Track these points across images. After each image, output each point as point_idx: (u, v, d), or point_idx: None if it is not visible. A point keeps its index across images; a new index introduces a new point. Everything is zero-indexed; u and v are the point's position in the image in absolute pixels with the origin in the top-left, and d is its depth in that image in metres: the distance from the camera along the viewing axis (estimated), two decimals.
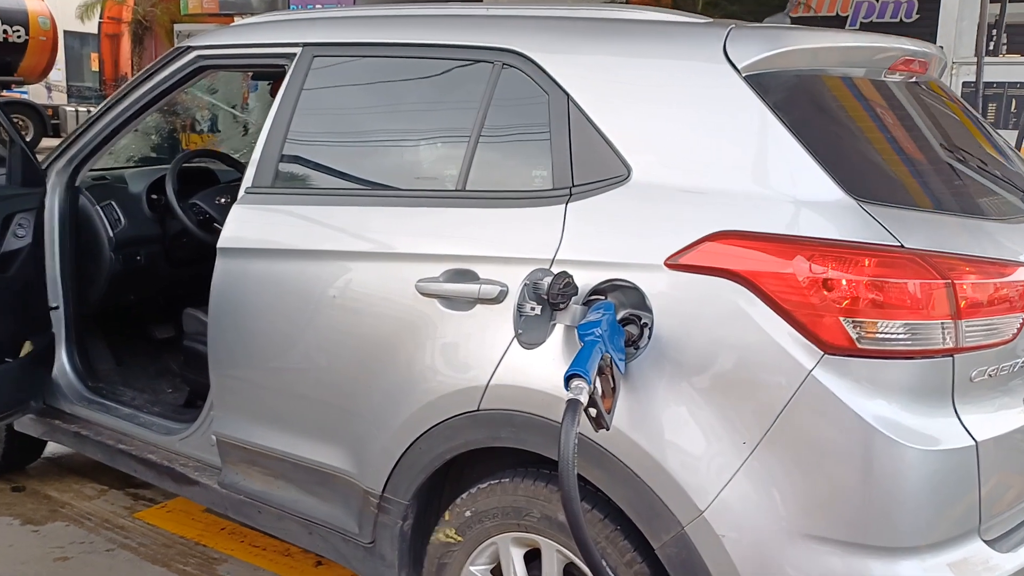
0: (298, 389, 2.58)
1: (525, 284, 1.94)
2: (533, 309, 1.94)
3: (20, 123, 15.41)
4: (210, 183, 3.78)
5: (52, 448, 3.87)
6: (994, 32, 5.85)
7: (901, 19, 9.56)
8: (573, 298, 1.99)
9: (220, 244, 2.71)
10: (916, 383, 1.81)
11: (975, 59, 4.53)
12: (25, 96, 18.30)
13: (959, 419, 1.84)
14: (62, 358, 3.43)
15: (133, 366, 3.81)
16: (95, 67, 20.56)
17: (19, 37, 16.45)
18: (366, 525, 2.46)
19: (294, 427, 2.61)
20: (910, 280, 1.78)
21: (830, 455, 1.80)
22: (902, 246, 1.80)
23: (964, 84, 6.22)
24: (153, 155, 5.23)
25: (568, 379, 1.76)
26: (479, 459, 2.36)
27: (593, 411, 1.80)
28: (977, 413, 1.87)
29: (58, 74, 19.80)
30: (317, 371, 2.52)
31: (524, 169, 2.32)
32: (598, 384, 1.84)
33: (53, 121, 17.11)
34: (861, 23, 9.86)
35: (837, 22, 9.89)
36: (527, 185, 2.27)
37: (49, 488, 3.78)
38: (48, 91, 20.07)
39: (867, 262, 1.79)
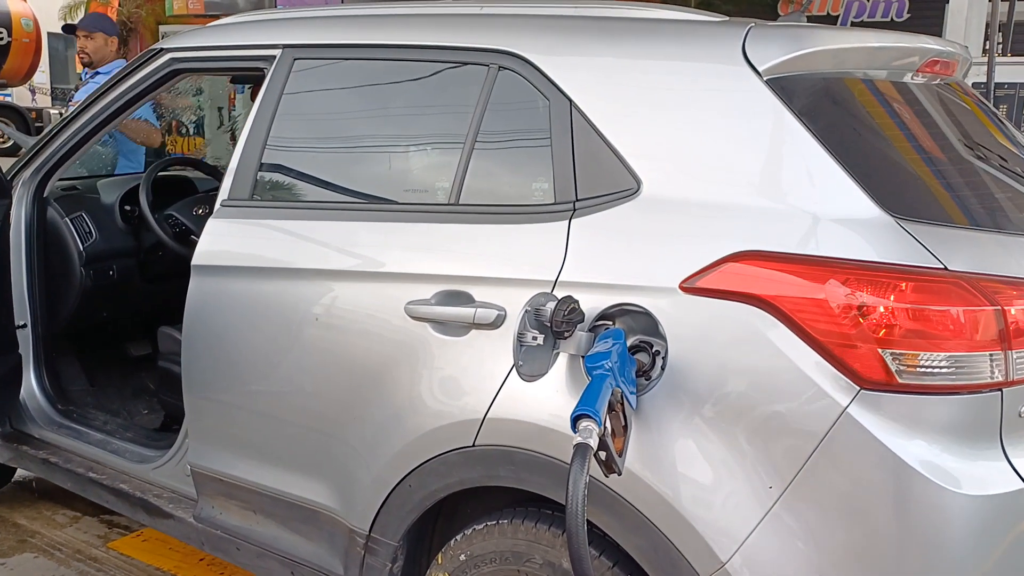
0: (278, 418, 2.39)
1: (526, 311, 1.75)
2: (535, 339, 1.75)
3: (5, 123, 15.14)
4: (187, 192, 3.58)
5: (24, 472, 3.66)
6: (1000, 32, 5.69)
7: (892, 18, 9.41)
8: (579, 325, 1.81)
9: (195, 261, 2.51)
10: (961, 421, 1.63)
11: (984, 59, 4.36)
12: (8, 99, 18.01)
13: (1008, 460, 1.66)
14: (30, 379, 3.23)
15: (107, 387, 3.60)
16: (80, 69, 20.29)
17: (1, 39, 16.17)
18: (352, 566, 2.27)
19: (274, 459, 2.41)
20: (955, 307, 1.60)
21: (866, 501, 1.61)
22: (946, 268, 1.62)
23: (973, 85, 6.06)
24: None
25: (575, 420, 1.58)
26: (476, 495, 2.17)
27: (603, 454, 1.62)
28: None
29: (42, 76, 19.48)
30: (298, 399, 2.32)
31: (523, 181, 2.13)
32: (608, 423, 1.65)
33: (37, 124, 16.83)
34: (852, 22, 9.70)
35: (828, 22, 9.75)
36: (527, 199, 2.09)
37: (18, 515, 3.57)
38: (32, 94, 19.76)
39: (908, 287, 1.61)
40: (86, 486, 3.01)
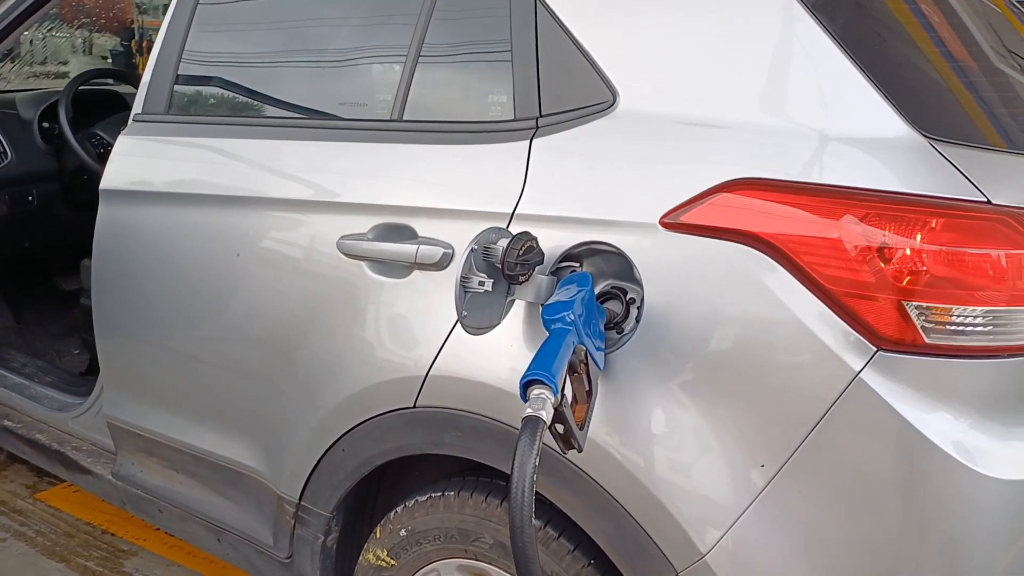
0: (197, 367, 2.08)
1: (472, 249, 1.43)
2: (482, 284, 1.43)
3: None
4: (117, 109, 3.20)
5: None
6: None
7: None
8: (537, 267, 1.49)
9: (103, 185, 2.18)
10: (998, 390, 1.33)
11: None
12: None
13: None
14: None
15: (35, 325, 3.28)
16: None
17: None
18: (282, 537, 1.99)
19: (195, 413, 2.11)
20: (999, 250, 1.29)
21: (879, 486, 1.32)
22: (989, 202, 1.31)
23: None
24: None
25: (526, 386, 1.27)
26: (422, 460, 1.88)
27: (560, 427, 1.31)
28: None
29: None
30: (218, 346, 2.01)
31: (478, 94, 1.79)
32: (568, 389, 1.35)
33: None
34: None
35: None
36: (482, 115, 1.75)
37: None
38: None
39: (942, 225, 1.29)
40: (1, 435, 2.71)
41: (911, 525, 1.32)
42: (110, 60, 7.19)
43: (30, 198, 3.03)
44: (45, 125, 3.06)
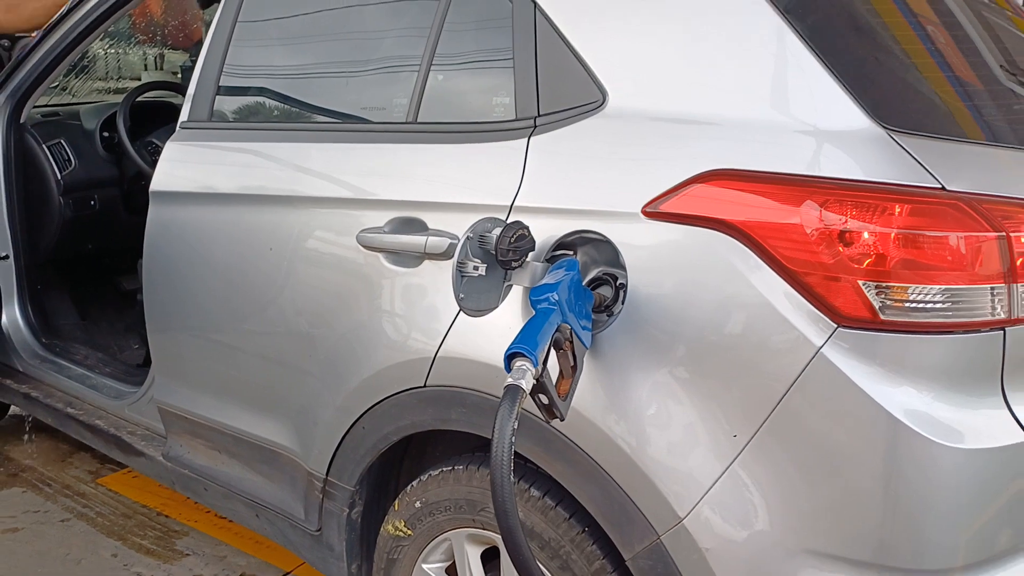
0: (236, 355, 2.25)
1: (468, 237, 1.56)
2: (476, 268, 1.57)
3: None
4: (172, 119, 3.42)
5: None
6: None
7: None
8: (531, 254, 1.62)
9: (152, 187, 2.37)
10: (956, 364, 1.41)
11: None
12: None
13: (1010, 409, 1.44)
14: (14, 312, 3.15)
15: (100, 320, 3.52)
16: None
17: None
18: (312, 511, 2.15)
19: (235, 396, 2.29)
20: (952, 232, 1.38)
21: (842, 454, 1.42)
22: (943, 188, 1.39)
23: None
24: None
25: (509, 359, 1.40)
26: (440, 439, 2.02)
27: (543, 397, 1.44)
28: None
29: None
30: (254, 335, 2.18)
31: (484, 96, 1.93)
32: (552, 363, 1.48)
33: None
34: None
35: None
36: (486, 116, 1.89)
37: (12, 449, 3.54)
38: None
39: (897, 210, 1.38)
40: (65, 421, 2.94)
41: (875, 492, 1.41)
42: (179, 75, 7.49)
43: (92, 203, 3.26)
44: (106, 135, 3.30)
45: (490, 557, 1.89)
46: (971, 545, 1.43)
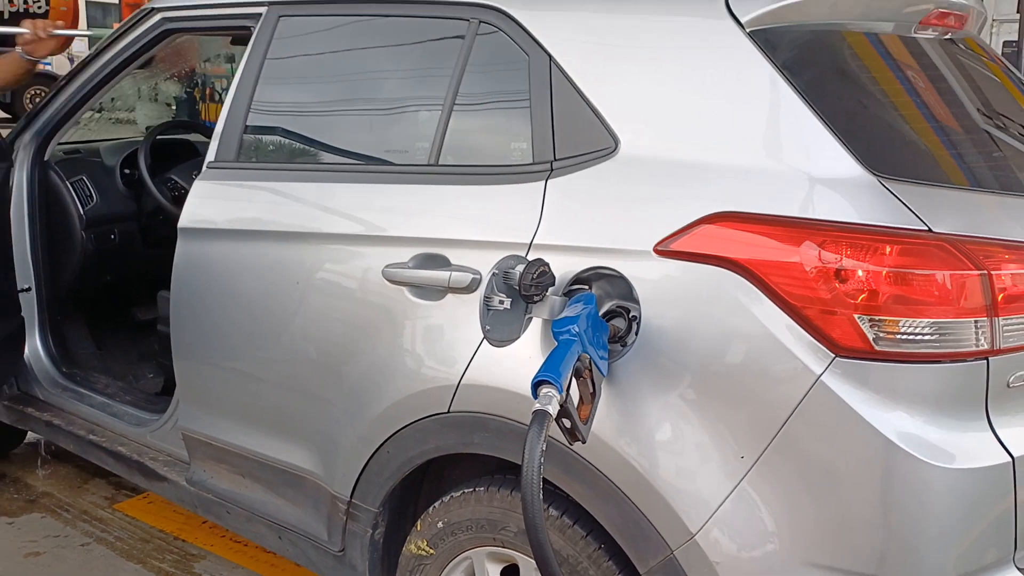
0: (262, 383, 2.37)
1: (494, 273, 1.70)
2: (502, 302, 1.70)
3: (41, 95, 15.27)
4: (189, 156, 3.56)
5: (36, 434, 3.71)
6: None
7: None
8: (551, 288, 1.75)
9: (181, 224, 2.49)
10: (944, 391, 1.55)
11: (1017, 16, 4.17)
12: (48, 68, 18.16)
13: (993, 432, 1.58)
14: (35, 342, 3.26)
15: (115, 351, 3.62)
16: None
17: (39, 8, 16.26)
18: (335, 532, 2.26)
19: (260, 423, 2.40)
20: (938, 271, 1.52)
21: (841, 474, 1.55)
22: (930, 230, 1.54)
23: (1005, 43, 5.80)
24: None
25: (536, 386, 1.52)
26: (458, 461, 2.14)
27: (566, 422, 1.56)
28: (1015, 425, 1.60)
29: (80, 45, 19.65)
30: (280, 364, 2.30)
31: (503, 141, 2.07)
32: (573, 390, 1.60)
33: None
34: None
35: None
36: (505, 159, 2.03)
37: (29, 476, 3.62)
38: (71, 62, 19.93)
39: (888, 250, 1.52)
40: (87, 448, 3.03)
41: (870, 508, 1.54)
42: (174, 107, 7.60)
43: (112, 236, 3.38)
44: (127, 171, 3.42)
45: (509, 575, 2.00)
46: (961, 557, 1.56)
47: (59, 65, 18.90)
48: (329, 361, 2.17)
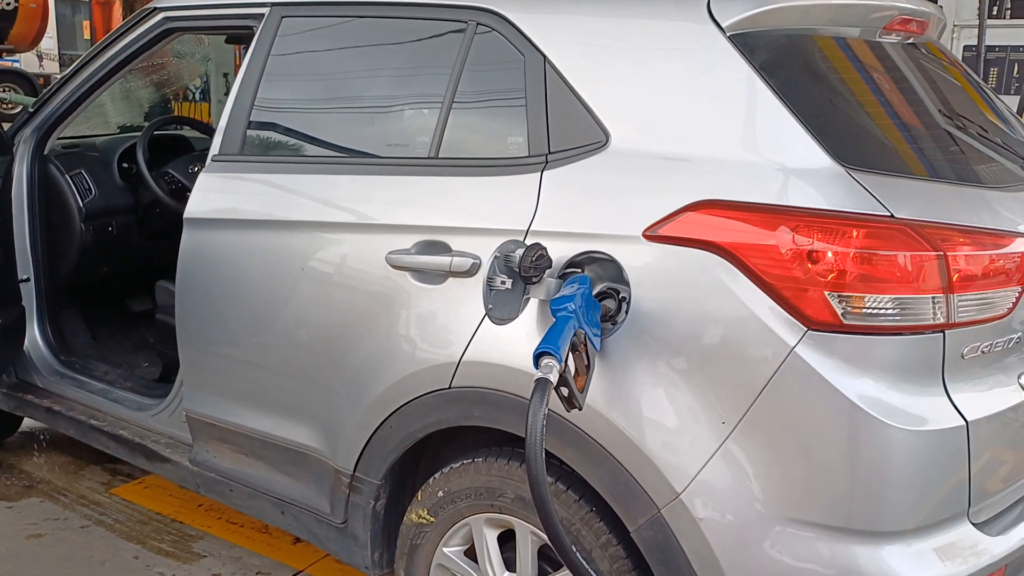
0: (267, 365, 2.49)
1: (495, 256, 1.84)
2: (504, 283, 1.85)
3: (12, 91, 15.13)
4: (184, 151, 3.67)
5: (31, 422, 3.79)
6: None
7: None
8: (547, 271, 1.90)
9: (186, 215, 2.61)
10: (904, 360, 1.72)
11: (977, 22, 4.39)
12: (16, 65, 18.01)
13: (949, 398, 1.75)
14: (34, 331, 3.35)
15: (109, 340, 3.72)
16: (87, 35, 20.24)
17: (8, 4, 16.14)
18: (338, 505, 2.39)
19: (265, 404, 2.52)
20: (900, 252, 1.69)
21: (813, 436, 1.71)
22: (892, 216, 1.70)
23: (965, 48, 6.06)
24: (144, 125, 5.05)
25: (537, 357, 1.67)
26: (455, 436, 2.27)
27: (564, 390, 1.71)
28: (969, 391, 1.78)
29: (49, 42, 19.45)
30: (286, 347, 2.42)
31: (499, 135, 2.21)
32: (570, 362, 1.75)
33: (45, 89, 16.81)
34: None
35: None
36: (502, 152, 2.17)
37: (26, 463, 3.71)
38: (40, 60, 19.74)
39: (855, 233, 1.69)
40: (88, 433, 3.13)
41: (838, 467, 1.70)
42: (145, 107, 7.62)
43: (110, 228, 3.47)
44: (124, 165, 3.52)
45: (505, 539, 2.14)
46: (920, 511, 1.73)
47: (27, 62, 18.77)
48: (334, 343, 2.30)
